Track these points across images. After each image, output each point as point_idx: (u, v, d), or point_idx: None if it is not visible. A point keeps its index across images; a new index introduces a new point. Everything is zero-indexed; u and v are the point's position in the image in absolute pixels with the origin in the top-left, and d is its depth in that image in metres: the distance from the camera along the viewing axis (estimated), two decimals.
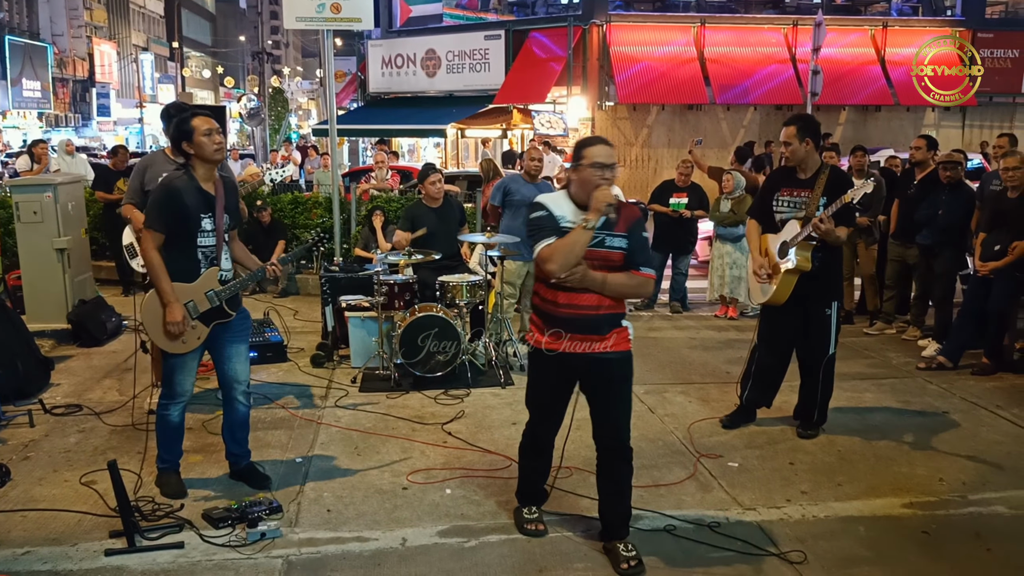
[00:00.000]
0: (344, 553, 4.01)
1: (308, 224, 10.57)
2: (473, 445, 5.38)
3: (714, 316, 9.20)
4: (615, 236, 3.75)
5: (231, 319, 4.50)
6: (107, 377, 6.75)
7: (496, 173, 9.61)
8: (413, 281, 6.89)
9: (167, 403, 4.51)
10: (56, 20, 43.09)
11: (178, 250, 4.33)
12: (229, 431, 4.71)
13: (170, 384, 4.50)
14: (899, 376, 6.98)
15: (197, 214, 4.32)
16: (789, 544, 4.08)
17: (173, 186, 4.31)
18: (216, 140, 4.33)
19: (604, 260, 3.74)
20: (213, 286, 4.40)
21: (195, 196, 4.31)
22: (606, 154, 3.72)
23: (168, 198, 4.29)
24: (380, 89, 22.69)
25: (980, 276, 6.95)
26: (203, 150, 4.31)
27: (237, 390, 4.62)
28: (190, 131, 4.29)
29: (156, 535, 4.11)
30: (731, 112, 19.75)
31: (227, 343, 4.54)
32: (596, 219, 3.62)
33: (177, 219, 4.28)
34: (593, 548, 4.01)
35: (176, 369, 4.46)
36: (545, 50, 19.55)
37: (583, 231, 3.63)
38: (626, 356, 3.89)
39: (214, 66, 61.67)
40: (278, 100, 44.88)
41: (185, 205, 4.28)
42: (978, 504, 4.57)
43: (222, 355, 4.56)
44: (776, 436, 5.58)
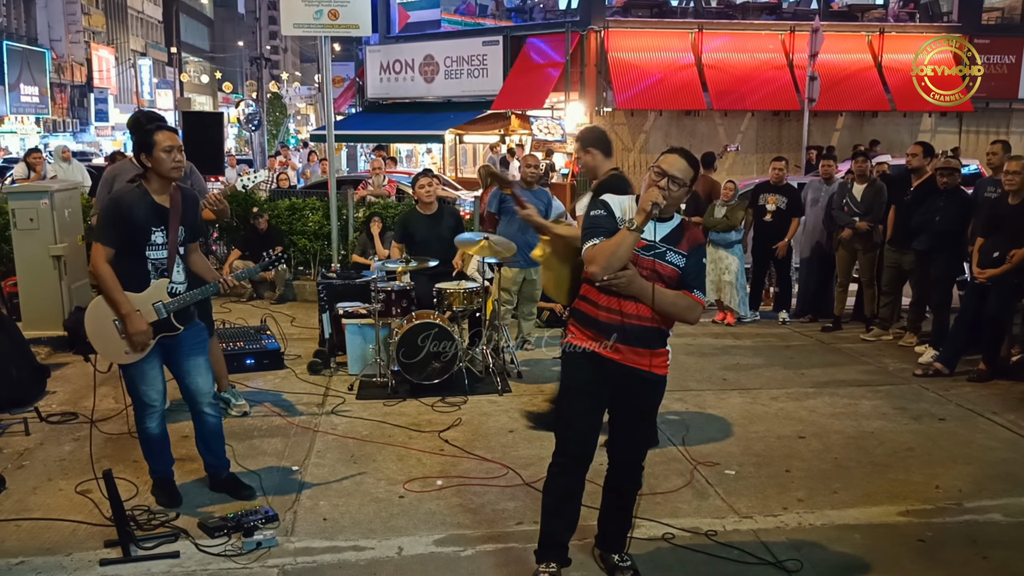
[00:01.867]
0: (340, 562, 4.00)
1: (305, 230, 10.56)
2: (470, 453, 5.37)
3: (712, 322, 9.20)
4: (675, 253, 3.54)
5: (179, 333, 4.43)
6: (103, 384, 6.72)
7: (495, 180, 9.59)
8: (410, 288, 6.88)
9: (140, 416, 4.49)
10: (54, 25, 43.12)
11: (127, 260, 4.29)
12: (203, 443, 4.68)
13: (136, 396, 4.46)
14: (895, 382, 6.99)
15: (148, 227, 4.27)
16: (785, 552, 4.08)
17: (124, 200, 4.27)
18: (176, 158, 4.27)
19: (658, 274, 3.52)
20: (161, 298, 4.35)
21: (146, 209, 4.27)
22: (674, 164, 3.52)
23: (117, 212, 4.25)
24: (378, 95, 22.70)
25: (977, 282, 6.95)
26: (161, 166, 4.26)
27: (202, 403, 4.57)
28: (151, 144, 4.24)
29: (151, 544, 4.10)
30: (728, 118, 19.74)
31: (184, 357, 4.49)
32: (642, 221, 3.42)
33: (126, 233, 4.24)
34: (588, 556, 4.00)
35: (136, 380, 4.41)
36: (543, 56, 19.57)
37: (628, 232, 3.42)
38: (663, 381, 3.71)
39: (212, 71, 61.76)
40: (276, 105, 44.90)
41: (135, 219, 4.24)
42: (974, 512, 4.57)
43: (181, 370, 4.51)
44: (773, 443, 5.58)
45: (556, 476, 3.70)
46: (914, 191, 7.86)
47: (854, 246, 8.58)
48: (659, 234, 3.55)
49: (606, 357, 3.57)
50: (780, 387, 6.84)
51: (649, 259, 3.52)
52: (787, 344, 8.36)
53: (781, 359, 7.73)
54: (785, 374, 7.24)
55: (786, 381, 7.03)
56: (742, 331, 8.87)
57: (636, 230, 3.43)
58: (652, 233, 3.53)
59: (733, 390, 6.74)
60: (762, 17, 20.93)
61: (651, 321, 3.54)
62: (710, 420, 6.02)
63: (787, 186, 9.34)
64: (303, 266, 10.71)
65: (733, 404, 6.37)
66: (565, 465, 3.67)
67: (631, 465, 3.81)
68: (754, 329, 8.97)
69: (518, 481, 4.90)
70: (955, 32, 20.52)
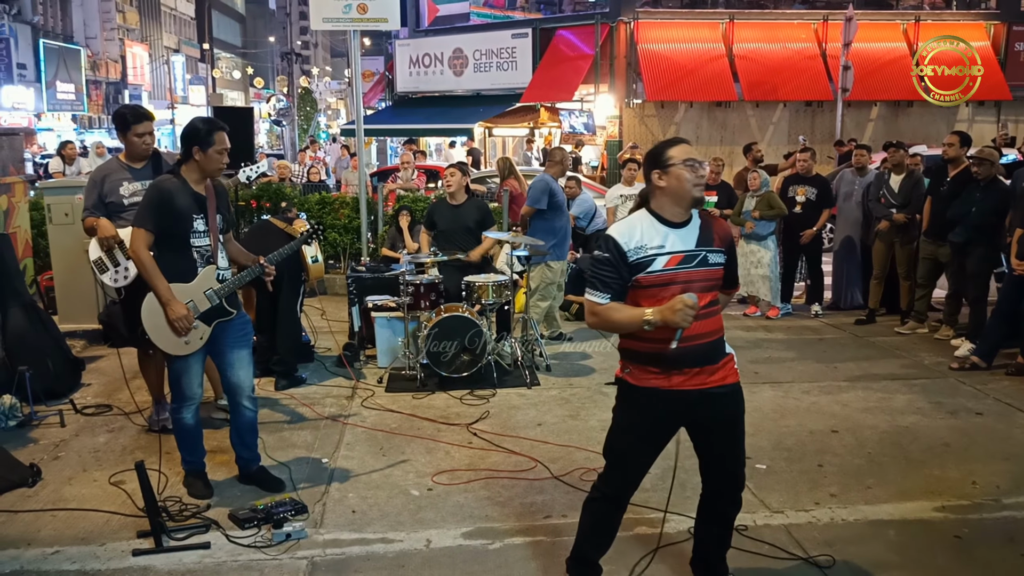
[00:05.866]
0: (368, 554, 4.01)
1: (335, 224, 10.61)
2: (498, 446, 5.36)
3: (743, 315, 9.12)
4: (715, 251, 3.26)
5: (232, 317, 4.51)
6: (137, 377, 6.79)
7: (511, 172, 9.59)
8: (439, 281, 6.89)
9: (178, 406, 4.54)
10: (89, 23, 43.67)
11: (173, 251, 4.37)
12: (238, 436, 4.72)
13: (178, 387, 4.52)
14: (931, 376, 6.88)
15: (190, 215, 4.36)
16: (817, 548, 4.02)
17: (164, 187, 4.37)
18: (225, 160, 4.44)
19: (709, 279, 3.26)
20: (211, 285, 4.43)
21: (187, 198, 4.36)
22: (693, 152, 3.26)
23: (160, 199, 4.34)
24: (408, 89, 22.75)
25: (1016, 274, 6.81)
26: (211, 164, 4.38)
27: (242, 395, 4.62)
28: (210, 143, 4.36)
29: (183, 535, 4.14)
30: (760, 109, 19.57)
31: (228, 348, 4.55)
32: (658, 324, 3.09)
33: (169, 220, 4.33)
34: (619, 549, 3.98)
35: (182, 372, 4.48)
36: (572, 48, 19.50)
37: (638, 322, 3.12)
38: (739, 389, 3.40)
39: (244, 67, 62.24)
40: (307, 100, 45.15)
41: (177, 207, 4.33)
42: (1012, 508, 4.47)
43: (224, 362, 4.58)
44: (804, 438, 5.51)
45: (598, 500, 3.50)
46: (950, 182, 7.72)
47: (891, 238, 8.46)
48: (692, 240, 3.25)
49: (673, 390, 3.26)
50: (812, 381, 6.76)
51: (697, 270, 3.23)
52: (820, 337, 8.27)
53: (813, 353, 7.64)
54: (817, 368, 7.15)
55: (818, 375, 6.95)
56: (774, 324, 8.78)
57: (648, 329, 3.11)
58: (687, 240, 3.24)
59: (764, 384, 6.67)
60: (795, 6, 20.70)
61: (716, 334, 3.30)
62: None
63: (817, 177, 9.22)
64: (333, 259, 10.76)
65: (764, 398, 6.31)
66: (608, 495, 3.48)
67: (733, 491, 3.48)
68: (786, 322, 8.87)
69: (546, 475, 4.89)
70: (994, 19, 20.16)
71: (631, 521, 4.25)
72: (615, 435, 3.44)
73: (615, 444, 3.43)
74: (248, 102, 56.81)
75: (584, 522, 3.53)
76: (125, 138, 5.27)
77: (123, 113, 5.30)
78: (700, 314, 3.15)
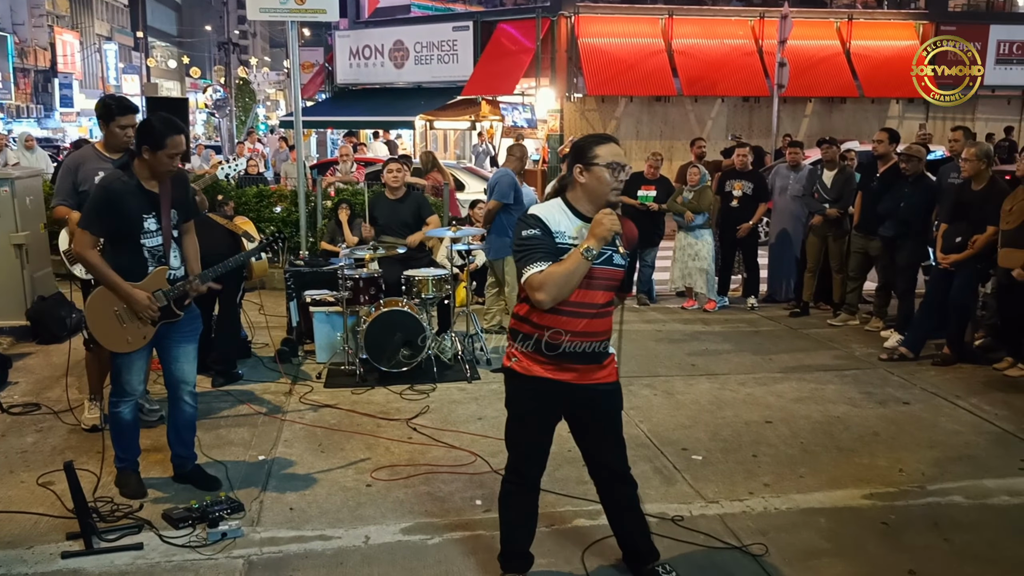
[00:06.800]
0: (306, 552, 3.98)
1: (272, 218, 10.47)
2: (438, 441, 5.35)
3: (681, 308, 9.24)
4: (620, 254, 3.29)
5: (179, 319, 4.44)
6: (67, 375, 6.65)
7: (435, 165, 9.60)
8: (378, 275, 6.84)
9: (117, 400, 4.45)
10: (16, 9, 42.31)
11: (123, 251, 4.28)
12: (175, 432, 4.65)
13: (119, 382, 4.44)
14: (862, 367, 7.06)
15: (139, 215, 4.24)
16: (751, 537, 4.11)
17: (113, 190, 4.22)
18: (176, 164, 4.31)
19: (611, 279, 3.30)
20: (161, 285, 4.34)
21: (137, 198, 4.24)
22: (621, 155, 3.24)
23: (107, 202, 4.21)
24: (348, 80, 22.54)
25: (941, 268, 7.02)
26: (161, 166, 4.23)
27: (184, 390, 4.56)
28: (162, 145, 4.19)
29: (114, 536, 4.05)
30: (699, 104, 19.83)
31: (174, 343, 4.49)
32: (598, 248, 3.13)
33: (116, 222, 4.22)
34: (548, 536, 4.01)
35: (123, 368, 4.40)
36: (513, 42, 19.50)
37: (583, 260, 3.13)
38: (618, 387, 3.50)
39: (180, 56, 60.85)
40: (245, 91, 44.38)
41: (125, 209, 4.21)
42: (936, 494, 4.63)
43: (169, 356, 4.51)
44: (740, 429, 5.61)
45: (511, 491, 3.56)
46: (880, 177, 7.91)
47: (824, 233, 8.64)
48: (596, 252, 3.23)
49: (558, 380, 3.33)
50: (748, 372, 6.89)
51: (601, 268, 3.25)
52: (756, 330, 8.42)
53: (750, 345, 7.78)
54: (753, 360, 7.29)
55: (754, 367, 7.08)
56: (711, 317, 8.91)
57: (591, 259, 3.14)
58: None
59: (702, 376, 6.78)
60: (732, 3, 21.00)
61: (604, 336, 3.36)
62: (678, 406, 6.05)
63: (753, 172, 9.39)
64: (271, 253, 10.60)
65: (702, 390, 6.41)
66: (520, 483, 3.55)
67: (620, 476, 3.59)
68: (723, 315, 9.02)
69: (486, 469, 4.89)
70: (922, 19, 20.71)
71: (570, 514, 4.31)
72: (512, 426, 3.53)
73: (514, 435, 3.53)
74: (184, 92, 55.62)
75: (505, 516, 3.61)
76: (107, 128, 5.09)
77: (109, 104, 5.14)
78: (597, 312, 3.28)
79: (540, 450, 3.52)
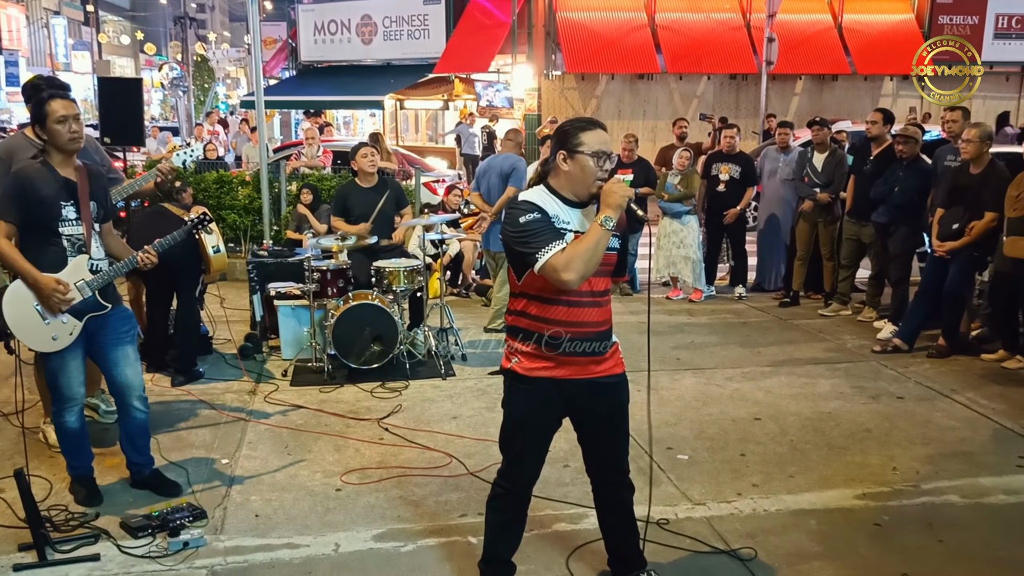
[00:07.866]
0: (273, 561, 3.98)
1: (234, 204, 10.41)
2: (411, 442, 5.36)
3: (666, 298, 9.29)
4: (613, 236, 3.26)
5: (106, 312, 4.38)
6: (15, 375, 6.57)
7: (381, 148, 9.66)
8: (347, 267, 6.82)
9: (59, 409, 4.40)
10: None
11: (40, 240, 4.22)
12: (128, 440, 4.60)
13: (56, 387, 4.37)
14: (854, 360, 7.13)
15: (56, 202, 4.19)
16: (739, 540, 4.15)
17: (25, 175, 4.19)
18: (72, 129, 4.19)
19: (607, 263, 3.29)
20: (83, 276, 4.29)
21: (52, 184, 4.19)
22: (608, 142, 3.26)
23: (19, 187, 4.16)
24: (313, 57, 22.41)
25: (937, 255, 7.08)
26: (57, 138, 4.18)
27: (131, 396, 4.50)
28: (44, 115, 4.16)
29: (69, 547, 4.03)
30: (683, 82, 19.87)
31: (110, 346, 4.42)
32: (616, 216, 3.14)
33: (32, 210, 4.16)
34: (529, 541, 4.03)
35: (57, 371, 4.33)
36: (488, 16, 19.46)
37: (604, 231, 3.12)
38: (624, 379, 3.49)
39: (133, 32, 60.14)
40: (203, 69, 44.00)
41: (40, 194, 4.16)
42: (931, 494, 4.69)
43: (107, 360, 4.44)
44: (727, 427, 5.66)
45: (501, 497, 3.56)
46: (873, 160, 7.94)
47: (815, 219, 8.69)
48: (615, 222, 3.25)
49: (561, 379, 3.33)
50: (735, 366, 6.94)
51: None
52: (743, 321, 8.48)
53: (737, 337, 7.84)
54: (741, 353, 7.34)
55: (742, 360, 7.13)
56: (697, 308, 8.97)
57: (611, 228, 3.15)
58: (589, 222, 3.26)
59: (687, 370, 6.83)
60: None
61: (607, 324, 3.37)
62: (663, 403, 6.09)
63: (740, 154, 9.42)
64: (233, 243, 10.54)
65: (687, 385, 6.46)
66: (511, 490, 3.54)
67: (620, 477, 3.60)
68: (709, 305, 9.07)
69: (462, 471, 4.91)
70: None
71: (550, 518, 4.33)
72: (508, 430, 3.49)
73: (510, 440, 3.49)
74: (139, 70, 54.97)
75: (491, 521, 3.60)
76: None
77: (38, 85, 4.99)
78: (595, 301, 3.31)
79: (536, 457, 3.52)
